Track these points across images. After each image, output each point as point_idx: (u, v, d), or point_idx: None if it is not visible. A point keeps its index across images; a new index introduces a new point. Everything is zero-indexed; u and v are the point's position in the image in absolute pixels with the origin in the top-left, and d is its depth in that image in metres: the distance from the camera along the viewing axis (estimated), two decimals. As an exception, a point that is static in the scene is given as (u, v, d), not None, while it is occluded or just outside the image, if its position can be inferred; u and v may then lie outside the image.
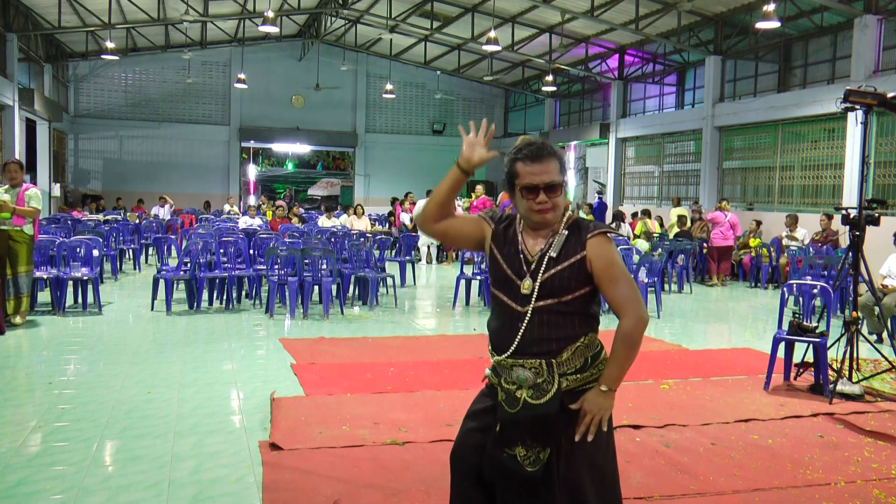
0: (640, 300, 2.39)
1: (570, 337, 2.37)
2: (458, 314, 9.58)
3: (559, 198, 2.38)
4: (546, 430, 2.34)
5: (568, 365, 2.37)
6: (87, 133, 24.80)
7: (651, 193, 20.65)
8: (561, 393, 2.36)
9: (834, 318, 8.51)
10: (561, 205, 2.41)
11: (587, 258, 2.36)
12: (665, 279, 11.96)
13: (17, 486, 3.70)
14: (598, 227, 2.40)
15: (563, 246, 2.38)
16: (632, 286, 2.39)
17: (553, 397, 2.34)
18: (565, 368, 2.37)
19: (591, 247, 2.36)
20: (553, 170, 2.38)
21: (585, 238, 2.38)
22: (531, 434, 2.34)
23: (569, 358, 2.37)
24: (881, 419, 5.17)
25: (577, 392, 2.40)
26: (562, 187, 2.41)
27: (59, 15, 17.86)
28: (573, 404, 2.38)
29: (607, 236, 2.40)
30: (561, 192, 2.40)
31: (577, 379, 2.39)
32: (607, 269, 2.36)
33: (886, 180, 13.10)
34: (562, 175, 2.43)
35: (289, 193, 40.50)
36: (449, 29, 21.11)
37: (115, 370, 6.05)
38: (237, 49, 25.10)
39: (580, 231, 2.40)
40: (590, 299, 2.42)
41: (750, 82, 17.12)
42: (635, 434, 4.68)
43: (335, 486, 3.77)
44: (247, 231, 12.53)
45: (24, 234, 7.77)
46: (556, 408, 2.34)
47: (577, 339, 2.38)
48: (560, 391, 2.36)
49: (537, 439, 2.34)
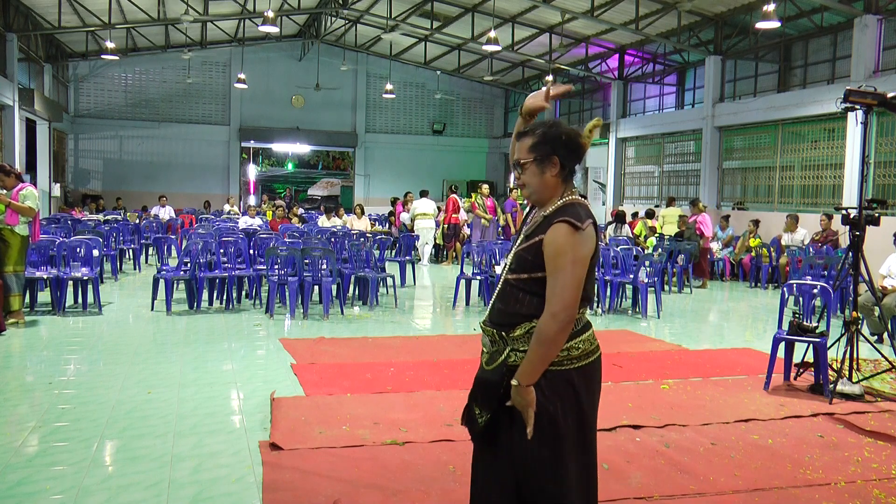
0: (566, 300, 2.28)
1: (525, 315, 2.38)
2: (458, 314, 9.58)
3: (526, 175, 2.46)
4: (487, 395, 2.41)
5: (520, 342, 2.38)
6: (87, 133, 24.79)
7: (651, 193, 20.64)
8: (506, 365, 2.39)
9: (834, 318, 8.51)
10: (533, 183, 2.45)
11: (543, 242, 2.36)
12: (665, 279, 11.96)
13: (17, 486, 3.70)
14: (567, 216, 2.34)
15: (537, 226, 2.42)
16: (567, 285, 2.29)
17: (497, 367, 2.40)
18: (517, 344, 2.38)
19: (549, 232, 2.35)
20: (522, 148, 2.48)
21: (551, 222, 2.37)
22: (478, 395, 2.44)
23: (521, 335, 2.38)
24: (881, 419, 5.17)
25: None
26: (531, 165, 2.45)
27: (59, 15, 17.84)
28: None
29: (571, 226, 2.32)
30: (528, 170, 2.45)
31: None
32: (552, 258, 2.33)
33: (886, 180, 13.10)
34: (535, 152, 2.44)
35: (289, 193, 40.49)
36: (449, 29, 21.10)
37: (115, 370, 6.05)
38: (237, 49, 25.10)
39: (556, 215, 2.38)
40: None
41: (750, 82, 17.13)
42: (635, 434, 4.68)
43: (335, 486, 3.77)
44: (247, 231, 12.53)
45: (14, 234, 7.73)
46: (499, 378, 2.38)
47: (532, 319, 2.36)
48: (505, 363, 2.39)
49: (481, 402, 2.43)
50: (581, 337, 2.40)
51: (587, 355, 2.42)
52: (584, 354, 2.41)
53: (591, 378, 2.44)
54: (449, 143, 28.24)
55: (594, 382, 2.46)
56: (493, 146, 28.84)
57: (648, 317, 9.55)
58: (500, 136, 28.70)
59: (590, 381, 2.43)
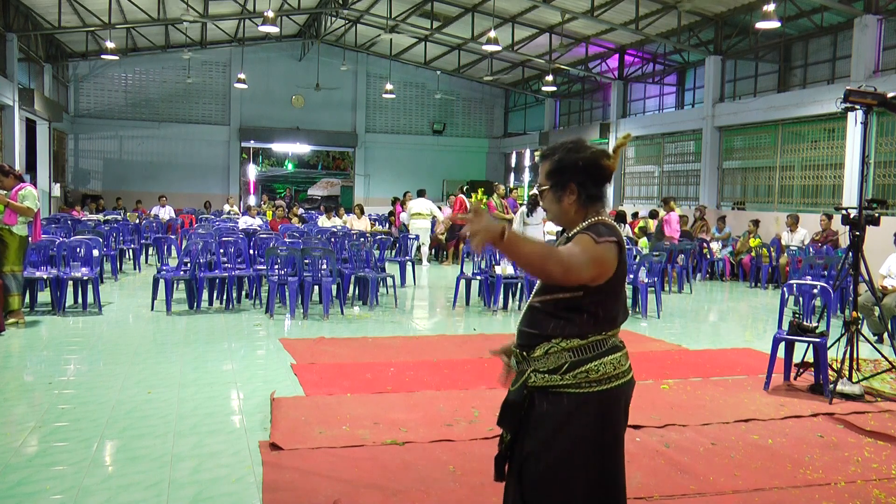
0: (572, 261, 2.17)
1: (543, 336, 2.34)
2: (458, 314, 9.57)
3: (545, 202, 2.43)
4: (507, 415, 2.39)
5: (540, 362, 2.34)
6: (87, 133, 24.79)
7: (651, 193, 20.64)
8: (526, 386, 2.35)
9: (834, 318, 8.50)
10: (552, 209, 2.42)
11: None
12: (665, 279, 11.96)
13: (17, 486, 3.70)
14: (590, 232, 2.28)
15: (562, 245, 2.39)
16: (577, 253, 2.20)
17: (519, 387, 2.37)
18: (538, 365, 2.34)
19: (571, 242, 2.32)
20: (542, 172, 2.45)
21: (571, 237, 2.35)
22: (503, 416, 2.41)
23: (541, 356, 2.33)
24: (881, 419, 5.17)
25: (548, 392, 2.32)
26: (548, 192, 2.40)
27: (59, 15, 17.85)
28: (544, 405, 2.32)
29: (589, 235, 2.26)
30: (546, 197, 2.41)
31: (545, 378, 2.32)
32: (574, 243, 2.27)
33: (886, 180, 13.10)
34: (551, 179, 2.39)
35: (289, 193, 40.50)
36: (449, 29, 21.10)
37: (115, 370, 6.05)
38: (237, 49, 25.10)
39: (578, 232, 2.33)
40: (570, 305, 2.30)
41: (750, 82, 17.13)
42: (635, 434, 4.67)
43: (335, 486, 3.77)
44: (247, 231, 12.53)
45: (13, 234, 7.73)
46: (519, 398, 2.35)
47: (550, 340, 2.32)
48: (526, 384, 2.35)
49: (504, 422, 2.41)
50: (602, 360, 2.31)
51: (608, 380, 2.31)
52: (604, 378, 2.30)
53: (611, 404, 2.34)
54: (449, 143, 28.24)
55: (616, 409, 2.36)
56: (493, 146, 28.84)
57: (648, 317, 9.54)
58: (500, 136, 28.71)
59: (610, 407, 2.33)
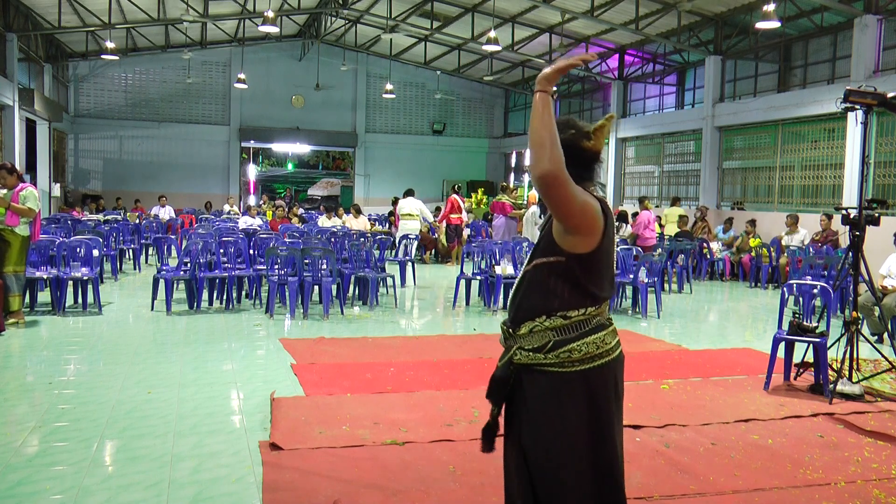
0: (562, 177, 2.14)
1: (529, 309, 2.34)
2: (458, 314, 9.57)
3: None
4: (493, 390, 2.40)
5: (525, 340, 2.34)
6: (87, 133, 24.79)
7: (651, 193, 20.63)
8: (511, 362, 2.36)
9: (834, 318, 8.51)
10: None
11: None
12: (665, 279, 11.96)
13: (17, 486, 3.70)
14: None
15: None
16: (570, 183, 2.18)
17: (505, 363, 2.38)
18: (523, 342, 2.35)
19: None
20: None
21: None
22: (490, 390, 2.42)
23: (526, 334, 2.34)
24: (881, 419, 5.17)
25: (534, 370, 2.32)
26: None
27: (59, 15, 17.85)
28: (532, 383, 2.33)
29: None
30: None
31: (530, 357, 2.32)
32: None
33: (886, 180, 13.10)
34: None
35: (289, 193, 40.49)
36: (449, 29, 21.10)
37: (115, 370, 6.05)
38: (237, 49, 25.09)
39: None
40: (554, 270, 2.29)
41: (750, 82, 17.12)
42: (635, 434, 4.67)
43: (335, 486, 3.77)
44: (247, 231, 12.52)
45: (15, 234, 7.74)
46: (505, 374, 2.37)
47: (536, 317, 2.31)
48: (511, 361, 2.36)
49: (491, 397, 2.42)
50: (586, 339, 2.30)
51: (591, 359, 2.30)
52: (587, 358, 2.29)
53: (599, 383, 2.32)
54: (449, 143, 28.23)
55: (604, 387, 2.34)
56: (493, 146, 28.83)
57: (648, 317, 9.55)
58: (500, 136, 28.70)
59: (597, 385, 2.32)
